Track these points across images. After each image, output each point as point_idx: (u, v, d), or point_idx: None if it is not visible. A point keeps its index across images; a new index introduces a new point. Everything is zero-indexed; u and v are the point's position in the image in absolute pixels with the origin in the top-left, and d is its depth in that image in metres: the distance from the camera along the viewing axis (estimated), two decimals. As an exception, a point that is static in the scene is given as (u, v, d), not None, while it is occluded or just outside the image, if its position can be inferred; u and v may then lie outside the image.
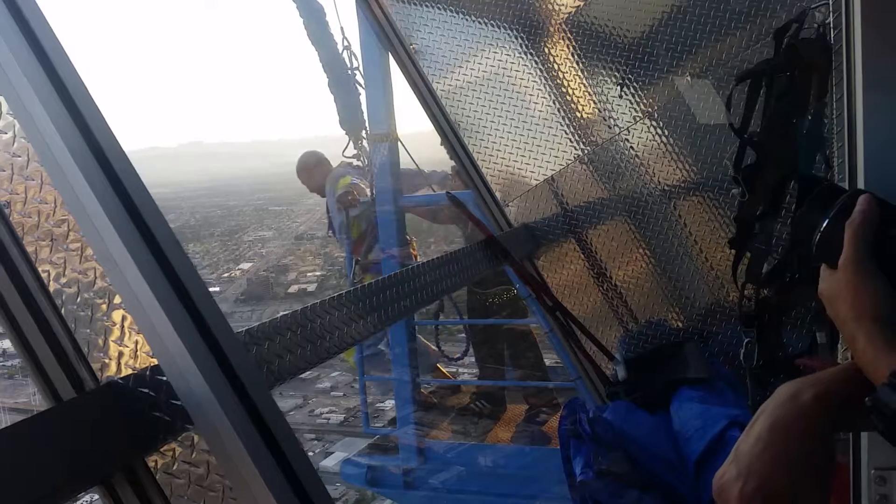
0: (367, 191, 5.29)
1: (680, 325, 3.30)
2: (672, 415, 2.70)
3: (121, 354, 1.21)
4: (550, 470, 3.44)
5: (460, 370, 7.64)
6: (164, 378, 1.17)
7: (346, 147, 5.35)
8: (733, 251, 2.39)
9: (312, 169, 5.96)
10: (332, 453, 18.88)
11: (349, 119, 5.15)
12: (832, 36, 1.70)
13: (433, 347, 5.76)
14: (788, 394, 0.83)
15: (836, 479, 0.88)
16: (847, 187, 1.23)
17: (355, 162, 5.50)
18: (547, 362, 5.69)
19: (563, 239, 3.52)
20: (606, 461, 2.60)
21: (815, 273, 0.93)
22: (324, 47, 4.97)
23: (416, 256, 5.45)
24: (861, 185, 1.23)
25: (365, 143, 5.31)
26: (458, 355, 5.88)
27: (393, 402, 5.42)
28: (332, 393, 24.26)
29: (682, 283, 3.29)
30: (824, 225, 0.89)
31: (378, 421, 6.70)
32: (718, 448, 2.44)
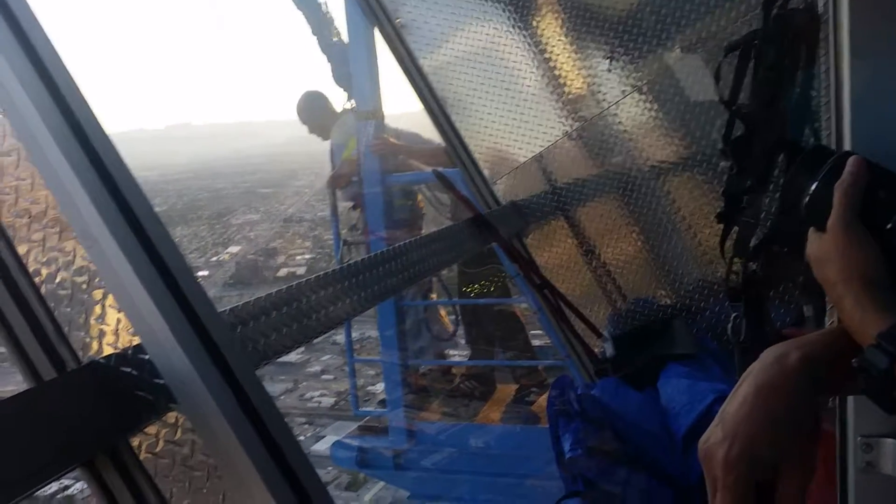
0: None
1: (668, 301, 3.30)
2: (660, 391, 2.71)
3: (102, 333, 1.18)
4: (541, 449, 3.45)
5: (450, 351, 7.66)
6: (147, 357, 1.15)
7: (347, 101, 5.18)
8: (721, 226, 2.38)
9: (317, 110, 5.62)
10: (323, 437, 18.94)
11: (344, 76, 5.02)
12: (820, 5, 1.69)
13: (448, 324, 5.63)
14: (774, 356, 0.82)
15: (822, 446, 0.87)
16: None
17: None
18: (536, 342, 5.69)
19: (551, 217, 3.51)
20: (595, 438, 2.61)
21: (802, 245, 0.92)
22: (310, 11, 4.88)
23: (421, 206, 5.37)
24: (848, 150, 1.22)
25: None
26: (446, 336, 5.88)
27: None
28: (323, 377, 24.27)
29: (670, 260, 3.29)
30: (813, 187, 0.88)
31: (369, 404, 6.71)
32: (706, 423, 2.43)
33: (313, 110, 5.63)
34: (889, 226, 0.82)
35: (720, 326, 3.00)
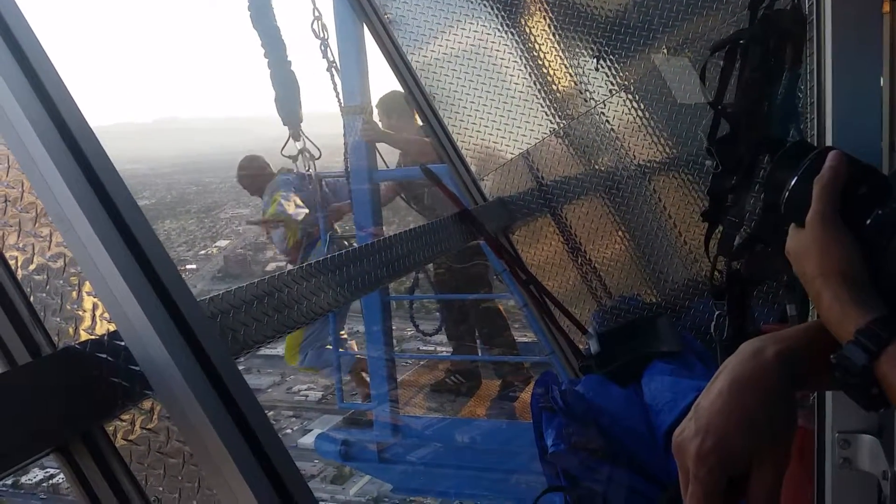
0: (299, 210, 5.40)
1: (653, 299, 3.31)
2: (643, 387, 2.71)
3: (78, 319, 1.17)
4: (524, 444, 3.45)
5: (437, 348, 7.66)
6: (123, 343, 1.14)
7: (286, 144, 5.19)
8: (706, 225, 2.39)
9: (253, 175, 5.97)
10: (310, 430, 18.85)
11: (286, 111, 4.99)
12: (806, 7, 1.70)
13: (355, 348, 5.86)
14: (750, 350, 0.82)
15: (800, 443, 0.87)
16: None
17: (296, 167, 5.40)
18: (522, 338, 5.72)
19: (538, 213, 3.51)
20: (578, 434, 2.62)
21: (784, 243, 0.92)
22: (265, 34, 4.80)
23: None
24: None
25: (304, 140, 5.18)
26: (432, 331, 5.90)
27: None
28: (311, 370, 24.16)
29: (656, 259, 3.30)
30: (793, 182, 0.87)
31: (356, 398, 6.70)
32: (688, 420, 2.46)
33: (251, 178, 5.94)
34: (868, 221, 0.81)
35: (704, 325, 3.01)
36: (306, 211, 5.44)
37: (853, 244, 0.80)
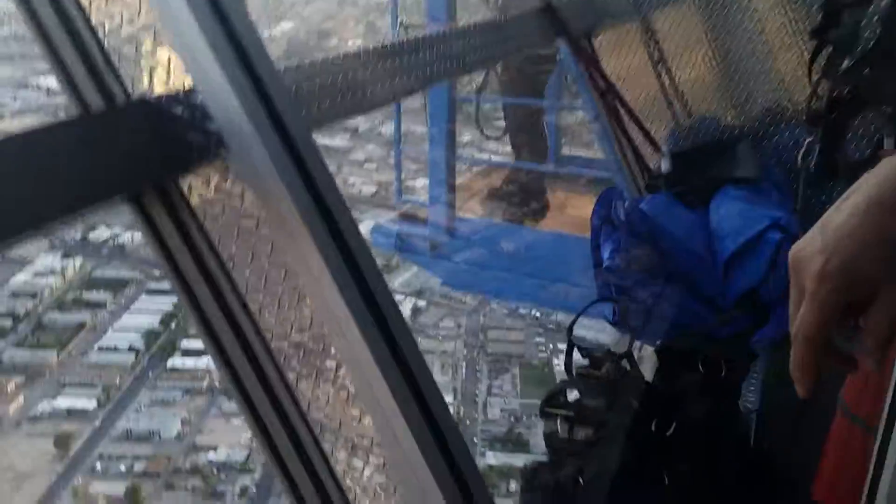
0: None
1: (735, 123, 3.14)
2: (711, 212, 2.64)
3: (153, 70, 1.13)
4: (576, 256, 3.47)
5: (492, 156, 7.60)
6: (200, 100, 1.10)
7: None
8: (805, 52, 2.20)
9: None
10: (362, 222, 19.42)
11: None
12: None
13: None
14: (894, 168, 0.74)
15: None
16: None
17: None
18: (580, 152, 5.66)
19: (625, 18, 3.26)
20: (636, 250, 2.60)
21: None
22: None
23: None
24: None
25: None
26: (495, 136, 5.83)
27: (425, 181, 5.46)
28: (366, 165, 24.44)
29: (745, 80, 3.09)
30: None
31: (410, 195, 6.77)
32: (754, 249, 2.41)
33: None
34: None
35: (786, 154, 2.86)
36: None
37: None
